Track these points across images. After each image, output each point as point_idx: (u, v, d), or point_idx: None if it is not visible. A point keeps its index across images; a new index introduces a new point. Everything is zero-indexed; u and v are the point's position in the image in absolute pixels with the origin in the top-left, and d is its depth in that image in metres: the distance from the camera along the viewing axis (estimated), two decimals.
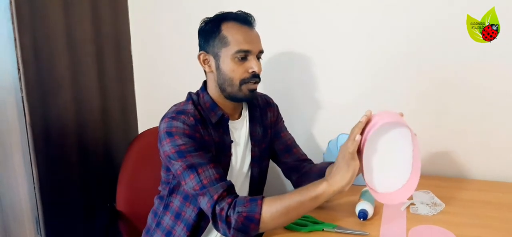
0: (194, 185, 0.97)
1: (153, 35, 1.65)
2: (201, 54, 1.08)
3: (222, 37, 1.03)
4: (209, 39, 1.06)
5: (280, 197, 0.95)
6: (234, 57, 1.03)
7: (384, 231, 1.00)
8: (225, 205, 0.94)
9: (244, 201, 0.95)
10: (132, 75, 1.71)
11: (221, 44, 1.04)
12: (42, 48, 1.25)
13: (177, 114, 1.02)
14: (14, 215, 1.31)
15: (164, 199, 1.13)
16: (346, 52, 1.43)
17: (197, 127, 1.02)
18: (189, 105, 1.06)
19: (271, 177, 1.39)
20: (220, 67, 1.05)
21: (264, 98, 1.25)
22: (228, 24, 1.04)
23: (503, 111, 1.32)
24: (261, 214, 0.93)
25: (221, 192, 0.96)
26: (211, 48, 1.05)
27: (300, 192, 0.94)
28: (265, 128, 1.20)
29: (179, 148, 0.99)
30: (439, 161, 1.40)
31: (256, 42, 1.06)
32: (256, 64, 1.04)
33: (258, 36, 1.08)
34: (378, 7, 1.36)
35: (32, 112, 1.22)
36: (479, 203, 1.16)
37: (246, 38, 1.03)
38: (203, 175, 0.97)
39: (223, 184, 0.97)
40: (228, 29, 1.04)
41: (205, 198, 0.96)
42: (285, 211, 0.93)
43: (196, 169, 0.97)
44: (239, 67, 1.03)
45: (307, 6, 1.43)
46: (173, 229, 1.09)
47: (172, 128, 1.00)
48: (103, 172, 1.55)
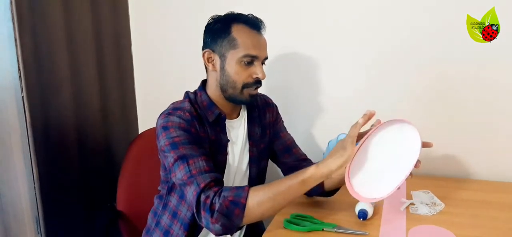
0: (183, 175, 0.96)
1: (153, 35, 1.65)
2: (206, 52, 1.07)
3: (232, 39, 1.03)
4: (217, 38, 1.05)
5: (268, 184, 0.95)
6: (240, 61, 1.03)
7: (383, 231, 1.00)
8: (210, 193, 0.93)
9: (231, 188, 0.94)
10: (132, 75, 1.71)
11: (229, 45, 1.03)
12: (42, 48, 1.25)
13: (174, 110, 1.03)
14: (14, 215, 1.31)
15: (163, 198, 1.13)
16: (347, 52, 1.43)
17: (193, 122, 1.02)
18: (186, 102, 1.06)
19: (271, 177, 1.39)
20: (225, 68, 1.05)
21: (263, 98, 1.25)
22: (239, 26, 1.04)
23: (503, 111, 1.32)
24: (247, 198, 0.91)
25: (208, 181, 0.94)
26: (218, 47, 1.05)
27: (288, 177, 0.94)
28: (264, 128, 1.20)
29: (173, 140, 0.99)
30: (439, 161, 1.40)
31: (263, 48, 1.06)
32: (261, 70, 1.05)
33: (265, 42, 1.08)
34: (378, 7, 1.36)
35: (32, 112, 1.22)
36: (479, 203, 1.16)
37: (255, 43, 1.03)
38: (193, 166, 0.96)
39: (212, 175, 0.96)
40: (238, 31, 1.03)
41: (191, 187, 0.94)
42: (272, 196, 0.92)
43: (187, 160, 0.97)
44: (244, 71, 1.04)
45: (309, 6, 1.43)
46: (171, 228, 1.10)
47: (168, 122, 1.01)
48: (103, 172, 1.55)
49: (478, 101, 1.33)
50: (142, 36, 1.67)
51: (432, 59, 1.34)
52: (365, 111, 0.92)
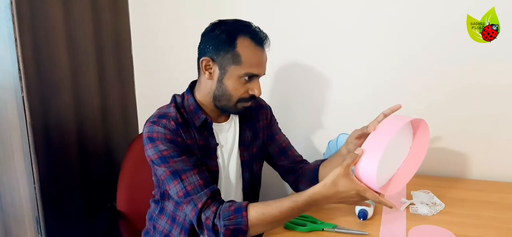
0: (178, 191, 0.97)
1: (153, 35, 1.65)
2: (205, 59, 1.01)
3: (236, 55, 0.98)
4: (220, 49, 0.99)
5: (268, 204, 0.94)
6: (240, 77, 1.00)
7: (384, 231, 1.00)
8: (210, 214, 0.94)
9: (229, 213, 0.93)
10: (132, 75, 1.71)
11: (232, 60, 0.99)
12: (42, 48, 1.25)
13: (159, 118, 1.01)
14: (14, 215, 1.32)
15: (159, 203, 1.13)
16: (347, 53, 1.43)
17: (179, 131, 1.00)
18: (171, 108, 1.04)
19: (270, 177, 1.39)
20: (223, 81, 1.01)
21: (256, 100, 1.21)
22: (245, 41, 0.99)
23: (503, 111, 1.32)
24: (248, 224, 0.92)
25: (205, 200, 0.95)
26: (219, 59, 1.00)
27: (294, 199, 0.93)
28: (256, 132, 1.17)
29: (161, 153, 0.98)
30: (439, 161, 1.40)
31: (264, 66, 1.04)
32: (258, 87, 1.03)
33: (266, 58, 1.05)
34: (378, 8, 1.36)
35: (32, 112, 1.22)
36: (479, 203, 1.16)
37: (258, 62, 1.01)
38: (187, 182, 0.96)
39: (207, 192, 0.96)
40: (243, 47, 0.98)
41: (189, 206, 0.96)
42: (277, 220, 0.94)
43: (180, 175, 0.97)
44: (242, 87, 1.01)
45: (308, 7, 1.43)
46: (170, 233, 1.09)
47: (153, 133, 0.99)
48: (103, 172, 1.55)
49: (478, 101, 1.33)
50: (142, 36, 1.67)
51: (432, 60, 1.34)
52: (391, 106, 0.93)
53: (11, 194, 1.30)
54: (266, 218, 0.93)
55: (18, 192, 1.28)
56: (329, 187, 0.88)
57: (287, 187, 1.57)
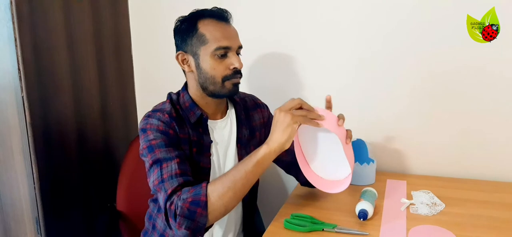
0: (154, 179, 0.95)
1: (153, 35, 1.65)
2: (179, 54, 1.06)
3: (200, 35, 1.02)
4: (186, 38, 1.04)
5: (224, 174, 0.95)
6: (213, 55, 1.01)
7: (384, 231, 1.00)
8: (174, 198, 0.91)
9: (189, 188, 0.92)
10: (132, 75, 1.71)
11: (199, 42, 1.02)
12: (42, 48, 1.25)
13: (153, 112, 1.03)
14: (14, 215, 1.31)
15: (157, 202, 1.12)
16: (340, 52, 1.43)
17: (172, 123, 1.01)
18: (167, 104, 1.06)
19: (270, 178, 1.39)
20: (200, 65, 1.03)
21: (252, 99, 1.23)
22: (205, 21, 1.03)
23: (503, 111, 1.32)
24: (207, 194, 0.90)
25: (175, 186, 0.92)
26: (189, 47, 1.04)
27: (242, 162, 0.94)
28: (253, 130, 1.18)
29: (150, 143, 0.98)
30: (439, 161, 1.40)
31: (234, 38, 1.05)
32: (237, 59, 1.03)
33: (235, 31, 1.06)
34: (372, 6, 1.36)
35: (32, 112, 1.22)
36: (479, 203, 1.16)
37: (224, 35, 1.02)
38: (165, 170, 0.95)
39: (180, 179, 0.94)
40: (205, 26, 1.02)
41: (161, 194, 0.93)
42: (231, 185, 0.91)
43: (161, 164, 0.96)
44: (219, 64, 1.02)
45: (300, 5, 1.43)
46: (165, 232, 1.09)
47: (146, 125, 1.01)
48: (103, 172, 1.55)
49: (478, 101, 1.33)
50: (142, 36, 1.67)
51: (430, 60, 1.34)
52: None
53: (11, 194, 1.30)
54: (223, 182, 0.92)
55: (18, 192, 1.28)
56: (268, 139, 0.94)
57: (287, 186, 1.56)
